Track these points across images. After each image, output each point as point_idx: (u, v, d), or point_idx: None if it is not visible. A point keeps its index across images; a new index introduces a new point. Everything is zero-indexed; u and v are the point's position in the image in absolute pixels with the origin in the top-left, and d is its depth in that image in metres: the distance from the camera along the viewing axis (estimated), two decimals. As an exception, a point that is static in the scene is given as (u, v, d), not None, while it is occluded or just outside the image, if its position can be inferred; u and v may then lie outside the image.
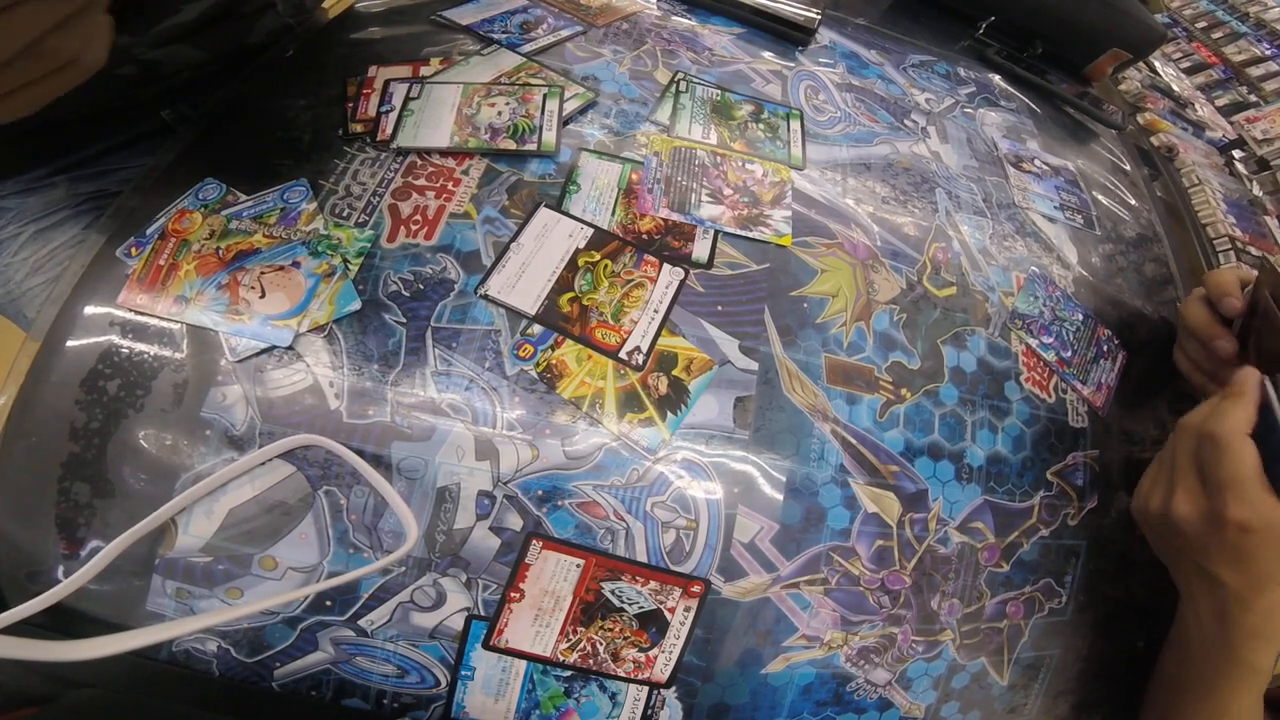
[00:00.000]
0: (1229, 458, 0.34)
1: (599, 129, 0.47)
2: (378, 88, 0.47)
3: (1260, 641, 0.37)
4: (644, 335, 0.39)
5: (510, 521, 0.35)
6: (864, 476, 0.39)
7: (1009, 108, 0.66)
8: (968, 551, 0.40)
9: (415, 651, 0.35)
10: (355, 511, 0.34)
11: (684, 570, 0.35)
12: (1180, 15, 1.41)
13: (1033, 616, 0.42)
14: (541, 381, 0.37)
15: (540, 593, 0.35)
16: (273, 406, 0.35)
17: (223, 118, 0.47)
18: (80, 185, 0.59)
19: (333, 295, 0.37)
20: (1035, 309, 0.48)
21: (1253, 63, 1.25)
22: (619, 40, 0.55)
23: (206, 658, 0.35)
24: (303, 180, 0.41)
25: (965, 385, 0.43)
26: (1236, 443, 0.34)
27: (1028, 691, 0.43)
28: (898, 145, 0.55)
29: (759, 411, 0.38)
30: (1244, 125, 1.12)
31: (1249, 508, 0.33)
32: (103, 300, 0.37)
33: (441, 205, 0.41)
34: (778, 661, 0.37)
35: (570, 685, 0.35)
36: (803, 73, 0.58)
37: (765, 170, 0.48)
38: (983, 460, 0.42)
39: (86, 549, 0.34)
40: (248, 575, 0.34)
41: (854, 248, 0.45)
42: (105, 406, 0.35)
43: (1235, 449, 0.34)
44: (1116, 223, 0.60)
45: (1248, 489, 0.33)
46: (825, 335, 0.41)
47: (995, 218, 0.53)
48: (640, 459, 0.36)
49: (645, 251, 0.42)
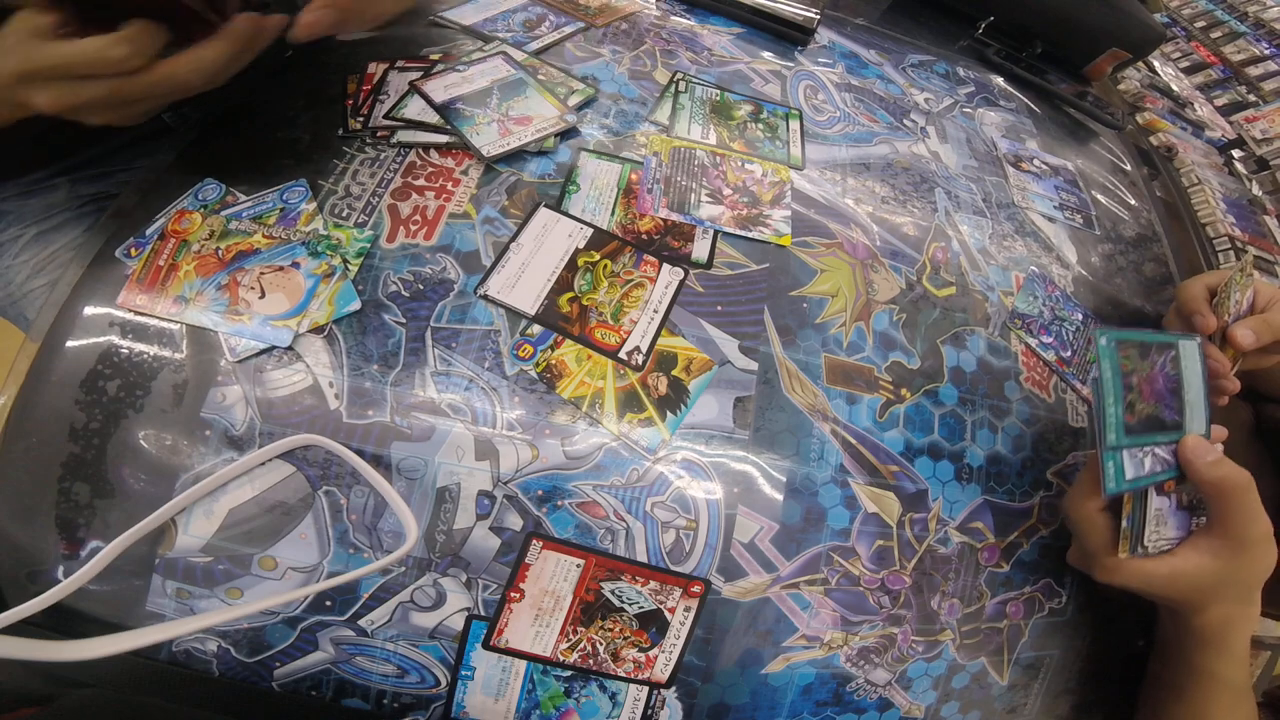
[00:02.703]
0: (1079, 534, 0.39)
1: (598, 129, 0.47)
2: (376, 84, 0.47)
3: (1212, 650, 0.38)
4: (643, 335, 0.39)
5: (510, 521, 0.35)
6: (864, 476, 0.39)
7: (1008, 108, 0.67)
8: (968, 551, 0.40)
9: (415, 651, 0.35)
10: (355, 511, 0.34)
11: (684, 570, 0.36)
12: (1179, 15, 1.41)
13: (1033, 616, 0.42)
14: (541, 381, 0.37)
15: (540, 593, 0.35)
16: (272, 407, 0.35)
17: (222, 118, 0.47)
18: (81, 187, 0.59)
19: (332, 295, 0.37)
20: (1035, 309, 0.48)
21: (1252, 62, 1.25)
22: (618, 40, 0.55)
23: (206, 658, 0.35)
24: (302, 180, 0.41)
25: (965, 385, 0.43)
26: (1083, 523, 0.38)
27: (1028, 691, 0.43)
28: (897, 145, 0.55)
29: (759, 411, 0.38)
30: (1243, 125, 1.12)
31: (1112, 574, 0.37)
32: (102, 301, 0.37)
33: (441, 205, 0.41)
34: (778, 661, 0.37)
35: (570, 685, 0.35)
36: (802, 72, 0.58)
37: (764, 170, 0.48)
38: (983, 460, 0.42)
39: (86, 549, 0.34)
40: (248, 575, 0.34)
41: (853, 248, 0.45)
42: (105, 407, 0.35)
43: (1082, 528, 0.38)
44: (1116, 222, 0.60)
45: (1101, 560, 0.37)
46: (825, 335, 0.41)
47: (995, 217, 0.53)
48: (640, 459, 0.36)
49: (645, 251, 0.42)
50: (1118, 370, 0.35)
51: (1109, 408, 0.35)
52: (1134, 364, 0.36)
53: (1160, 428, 0.37)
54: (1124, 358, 0.35)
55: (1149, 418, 0.36)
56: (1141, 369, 0.36)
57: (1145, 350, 0.36)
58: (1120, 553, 0.36)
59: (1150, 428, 0.36)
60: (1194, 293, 0.45)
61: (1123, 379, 0.35)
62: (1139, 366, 0.36)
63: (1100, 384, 0.35)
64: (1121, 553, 0.36)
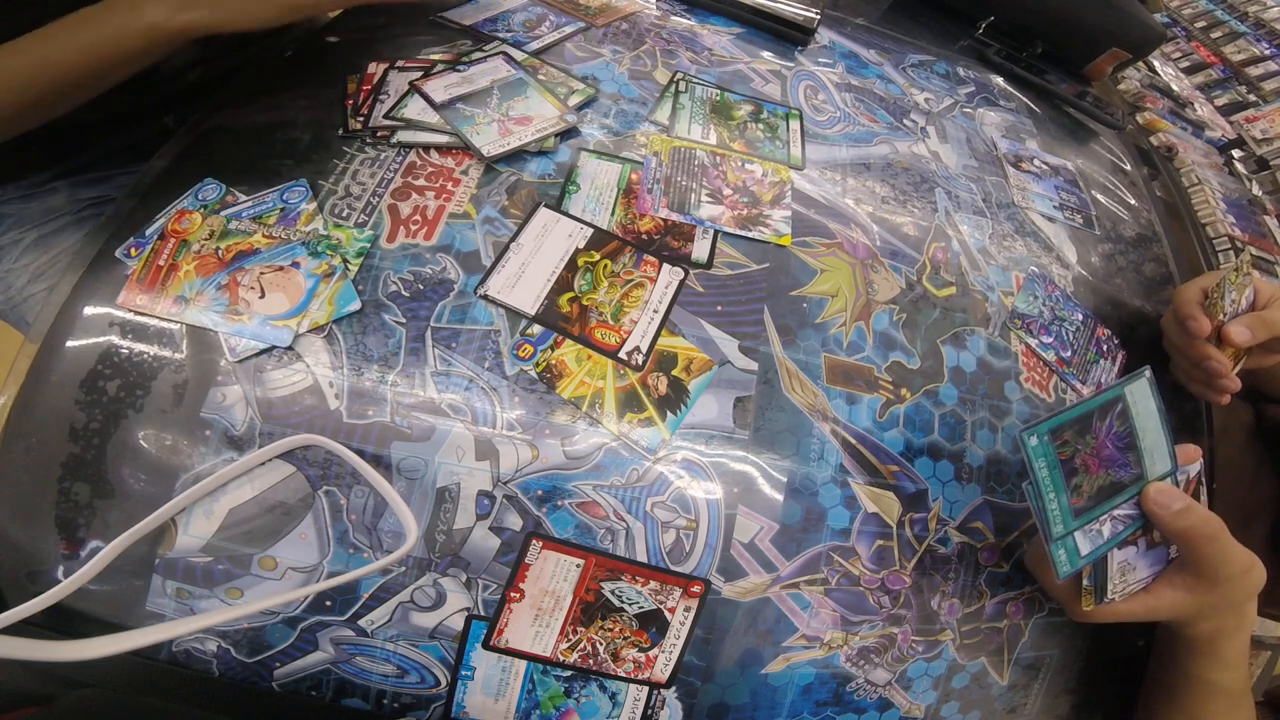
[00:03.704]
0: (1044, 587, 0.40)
1: (598, 129, 0.47)
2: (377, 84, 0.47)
3: (1205, 659, 0.38)
4: (643, 335, 0.39)
5: (510, 521, 0.35)
6: (864, 476, 0.39)
7: (1008, 107, 0.66)
8: (968, 551, 0.40)
9: (415, 651, 0.35)
10: (355, 511, 0.34)
11: (684, 570, 0.36)
12: (1179, 15, 1.41)
13: (1033, 616, 0.42)
14: (541, 381, 0.37)
15: (540, 593, 0.35)
16: (272, 407, 0.35)
17: (223, 118, 0.47)
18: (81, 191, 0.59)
19: (332, 295, 0.37)
20: (1035, 309, 0.48)
21: (1252, 62, 1.25)
22: (618, 40, 0.55)
23: (206, 658, 0.35)
24: (302, 180, 0.41)
25: (965, 385, 0.43)
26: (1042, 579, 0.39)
27: (1028, 691, 0.43)
28: (897, 145, 0.55)
29: (759, 411, 0.38)
30: (1243, 125, 1.12)
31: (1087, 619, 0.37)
32: (102, 301, 0.37)
33: (441, 205, 0.41)
34: (778, 661, 0.37)
35: (570, 685, 0.35)
36: (802, 72, 0.58)
37: (765, 170, 0.48)
38: (983, 460, 0.42)
39: (86, 549, 0.34)
40: (248, 575, 0.34)
41: (853, 247, 0.45)
42: (105, 407, 0.35)
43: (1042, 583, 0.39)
44: (1116, 222, 0.60)
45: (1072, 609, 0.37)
46: (825, 335, 0.41)
47: (995, 217, 0.53)
48: (640, 459, 0.36)
49: (645, 251, 0.42)
50: (1054, 464, 0.33)
51: (1050, 504, 0.33)
52: (1074, 444, 0.34)
53: (1118, 490, 0.35)
54: (1061, 445, 0.33)
55: (1101, 488, 0.35)
56: (1085, 445, 0.34)
57: (1084, 424, 0.34)
58: (1085, 606, 0.36)
59: (1105, 496, 0.35)
60: (1188, 296, 0.46)
61: (1062, 468, 0.33)
62: (1081, 445, 0.34)
63: (1036, 484, 0.33)
64: (1086, 606, 0.36)
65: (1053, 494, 0.33)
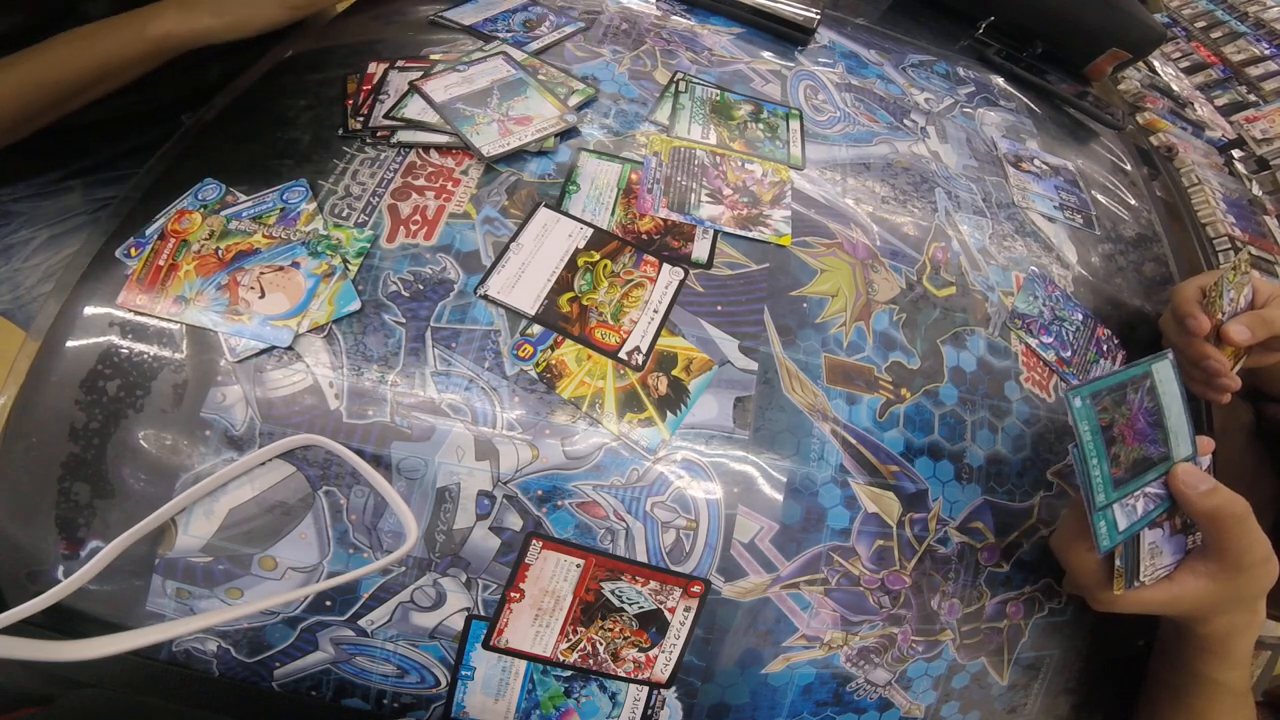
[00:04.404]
0: (1071, 573, 0.39)
1: (598, 129, 0.47)
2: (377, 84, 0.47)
3: (1215, 657, 0.38)
4: (643, 335, 0.39)
5: (510, 521, 0.35)
6: (864, 476, 0.39)
7: (1008, 107, 0.66)
8: (968, 551, 0.40)
9: (415, 651, 0.35)
10: (355, 511, 0.34)
11: (684, 570, 0.36)
12: (1179, 15, 1.41)
13: (1033, 616, 0.42)
14: (541, 381, 0.37)
15: (540, 593, 0.35)
16: (272, 407, 0.35)
17: (223, 118, 0.47)
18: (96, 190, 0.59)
19: (332, 295, 0.37)
20: (1035, 309, 0.48)
21: (1252, 62, 1.25)
22: (618, 40, 0.55)
23: (206, 658, 0.35)
24: (302, 180, 0.41)
25: (965, 385, 0.43)
26: (1073, 565, 0.37)
27: (1028, 691, 0.43)
28: (897, 145, 0.55)
29: (759, 411, 0.38)
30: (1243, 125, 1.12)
31: (1109, 607, 0.37)
32: (102, 301, 0.37)
33: (441, 205, 0.41)
34: (778, 661, 0.37)
35: (570, 685, 0.35)
36: (802, 72, 0.58)
37: (765, 170, 0.48)
38: (983, 460, 0.42)
39: (86, 549, 0.34)
40: (248, 575, 0.34)
41: (853, 247, 0.45)
42: (105, 407, 0.35)
43: (1073, 568, 0.38)
44: (1116, 222, 0.60)
45: (1097, 596, 0.37)
46: (825, 335, 0.41)
47: (995, 217, 0.53)
48: (640, 459, 0.36)
49: (645, 251, 0.42)
50: (1097, 428, 0.33)
51: (1094, 470, 0.33)
52: (1112, 413, 0.34)
53: (1149, 466, 0.35)
54: (1101, 411, 0.34)
55: (1136, 461, 0.35)
56: (1121, 415, 0.34)
57: (1121, 393, 0.34)
58: (1115, 590, 0.36)
59: (1139, 470, 0.35)
60: (1186, 295, 0.45)
61: (1103, 434, 0.34)
62: (1118, 414, 0.34)
63: (1081, 448, 0.33)
64: (1117, 590, 0.36)
65: (1095, 459, 0.34)
